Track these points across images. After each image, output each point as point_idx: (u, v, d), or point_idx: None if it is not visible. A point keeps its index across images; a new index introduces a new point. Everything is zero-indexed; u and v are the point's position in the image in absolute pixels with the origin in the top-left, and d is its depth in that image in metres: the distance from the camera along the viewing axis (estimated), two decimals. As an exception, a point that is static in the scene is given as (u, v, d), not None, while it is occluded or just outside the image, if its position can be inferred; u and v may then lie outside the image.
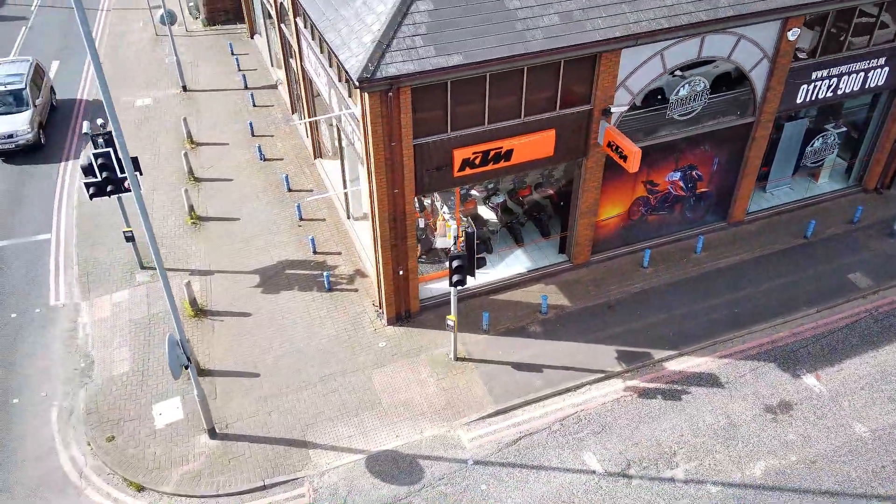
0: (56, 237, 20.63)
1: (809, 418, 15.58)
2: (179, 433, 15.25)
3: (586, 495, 14.14)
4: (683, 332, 17.44)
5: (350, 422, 15.46)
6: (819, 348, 17.15)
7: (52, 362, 16.94)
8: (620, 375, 16.55)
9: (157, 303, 18.34)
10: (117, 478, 14.55)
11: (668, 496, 14.10)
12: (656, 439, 15.16)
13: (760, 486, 14.30)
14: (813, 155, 20.60)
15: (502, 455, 14.91)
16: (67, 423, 15.60)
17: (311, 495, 14.19)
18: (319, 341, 17.24)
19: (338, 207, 21.19)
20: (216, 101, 26.83)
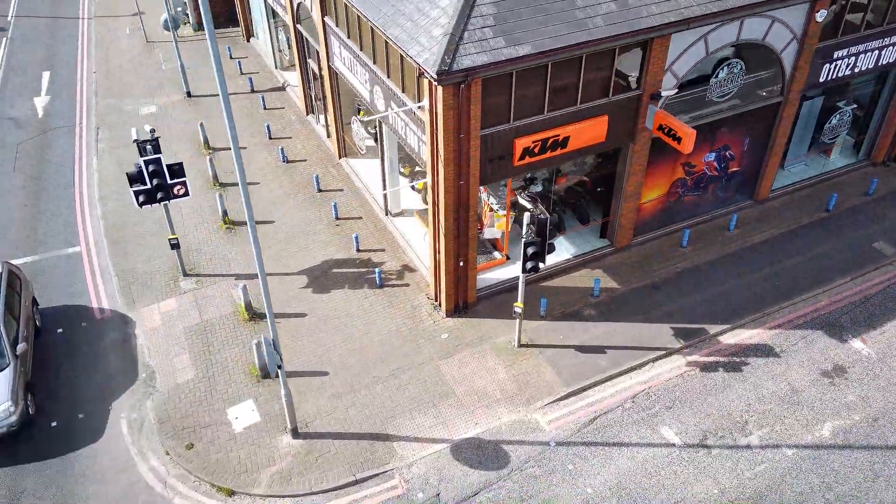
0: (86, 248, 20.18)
1: (864, 379, 16.35)
2: (260, 435, 15.17)
3: (670, 467, 14.59)
4: (731, 306, 18.06)
5: (428, 412, 15.60)
6: (859, 314, 17.98)
7: (110, 375, 16.62)
8: (680, 352, 17.06)
9: (207, 309, 18.14)
10: (204, 484, 14.40)
11: (749, 462, 14.65)
12: (726, 410, 15.71)
13: (831, 445, 14.97)
14: (830, 132, 21.51)
15: (582, 435, 15.26)
16: (140, 435, 15.36)
17: (402, 486, 14.30)
18: (381, 337, 17.32)
19: (373, 205, 21.24)
20: (219, 106, 26.44)
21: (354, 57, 18.73)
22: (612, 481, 14.35)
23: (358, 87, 19.33)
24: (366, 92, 18.81)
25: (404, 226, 20.28)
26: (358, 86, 19.27)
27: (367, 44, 17.67)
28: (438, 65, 13.50)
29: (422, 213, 20.42)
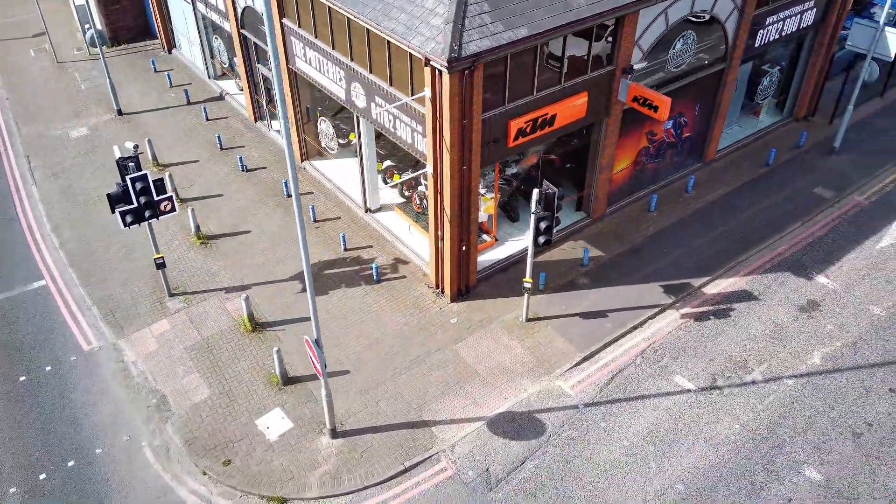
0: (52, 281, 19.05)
1: (835, 310, 18.09)
2: (297, 441, 15.01)
3: (692, 410, 15.66)
4: (704, 260, 19.44)
5: (457, 394, 15.94)
6: (816, 253, 19.82)
7: (117, 406, 15.90)
8: (672, 307, 18.23)
9: (205, 326, 17.62)
10: (252, 497, 14.13)
11: (758, 396, 15.94)
12: (726, 353, 16.98)
13: (823, 371, 16.52)
14: (762, 93, 23.43)
15: (605, 394, 16.07)
16: (169, 460, 14.82)
17: (451, 467, 14.59)
18: (391, 330, 17.46)
19: (349, 204, 21.21)
20: (161, 120, 25.54)
21: (325, 56, 18.68)
22: (643, 432, 15.24)
23: (329, 87, 19.28)
24: (339, 90, 18.81)
25: (387, 221, 20.42)
26: (329, 85, 19.22)
27: (342, 41, 17.69)
28: (448, 52, 13.84)
29: (402, 207, 20.63)
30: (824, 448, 14.90)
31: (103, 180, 22.54)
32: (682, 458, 14.71)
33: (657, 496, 14.04)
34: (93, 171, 23.03)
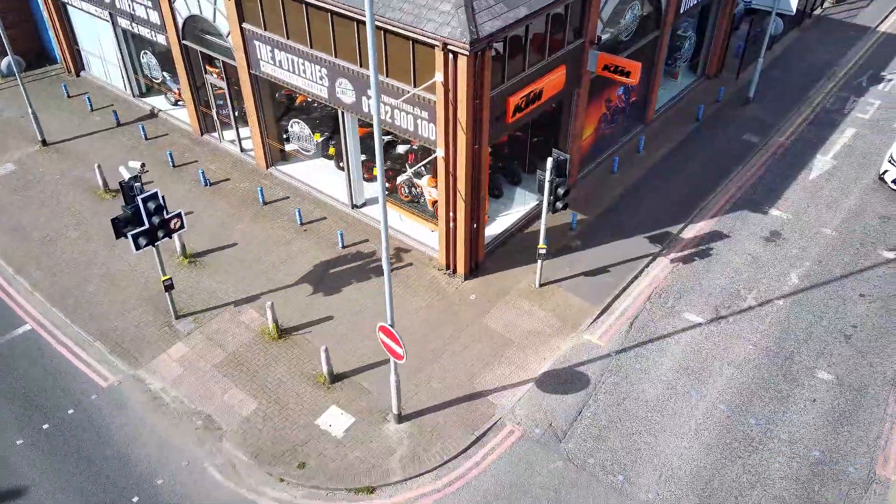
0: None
1: (794, 236, 20.44)
2: (364, 432, 15.17)
3: (708, 340, 17.30)
4: (673, 210, 21.26)
5: (500, 362, 16.66)
6: (762, 190, 22.20)
7: (161, 434, 15.29)
8: (660, 254, 19.85)
9: (227, 341, 17.21)
10: (339, 493, 14.19)
11: (758, 318, 17.84)
12: (719, 286, 18.80)
13: (803, 288, 18.72)
14: (683, 56, 25.68)
15: (630, 339, 17.38)
16: (238, 475, 14.52)
17: (518, 429, 15.33)
18: (417, 315, 17.85)
19: (332, 203, 21.21)
20: (95, 145, 24.13)
21: (301, 56, 18.64)
22: (675, 366, 16.68)
23: (305, 87, 19.23)
24: (321, 89, 18.84)
25: (376, 213, 20.65)
26: (306, 85, 19.16)
27: (324, 39, 17.77)
28: (469, 35, 14.46)
29: (388, 198, 20.87)
30: (825, 352, 16.99)
31: (53, 214, 21.11)
32: (715, 383, 16.27)
33: (706, 419, 15.49)
34: (37, 206, 21.48)
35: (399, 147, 21.01)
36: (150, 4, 22.31)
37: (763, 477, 14.38)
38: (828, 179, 22.74)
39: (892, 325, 17.64)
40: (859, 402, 15.84)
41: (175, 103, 25.66)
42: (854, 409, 15.72)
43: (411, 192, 20.33)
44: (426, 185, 19.82)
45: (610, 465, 14.60)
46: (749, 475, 14.43)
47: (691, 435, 15.17)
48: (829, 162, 23.51)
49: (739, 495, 14.06)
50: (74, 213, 21.26)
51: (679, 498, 14.03)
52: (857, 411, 15.66)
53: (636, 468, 14.56)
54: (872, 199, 21.77)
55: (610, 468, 14.55)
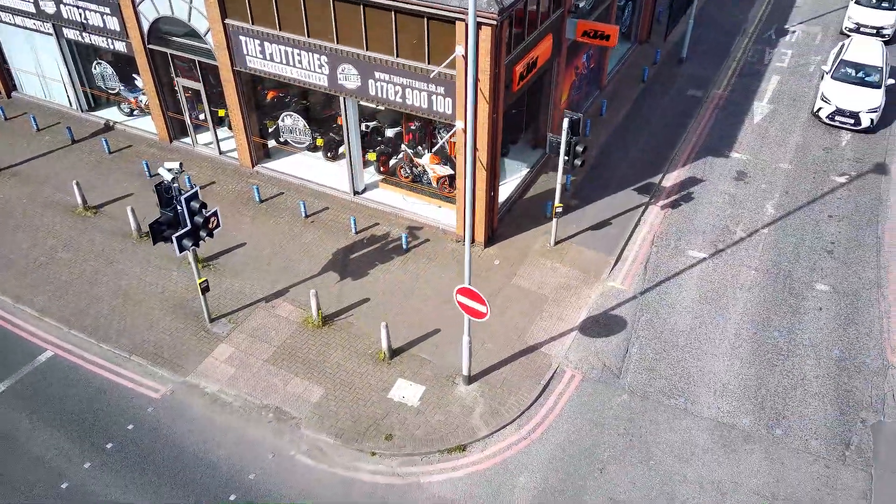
0: (67, 347, 17.01)
1: (757, 173, 22.62)
2: (438, 398, 15.68)
3: (716, 271, 19.00)
4: (649, 162, 22.92)
5: (542, 317, 17.59)
6: (717, 137, 24.33)
7: (234, 433, 15.14)
8: (650, 203, 21.41)
9: (271, 336, 17.14)
10: (432, 456, 14.66)
11: (752, 247, 19.73)
12: (709, 224, 20.57)
13: (780, 216, 20.82)
14: (623, 24, 27.45)
15: (648, 279, 18.79)
16: (328, 457, 14.67)
17: (578, 374, 16.35)
18: (448, 286, 18.39)
19: (331, 193, 21.30)
20: (52, 165, 22.86)
21: (296, 47, 18.68)
22: (695, 297, 18.23)
23: (302, 78, 19.27)
24: (320, 77, 18.96)
25: (378, 197, 20.99)
26: (302, 75, 19.21)
27: (324, 27, 17.94)
28: (496, 6, 15.21)
29: (386, 181, 21.29)
30: (816, 267, 19.09)
31: (33, 238, 19.97)
32: (734, 306, 17.95)
33: (736, 338, 17.12)
34: (12, 233, 20.22)
35: (387, 131, 21.41)
36: (107, 11, 21.44)
37: (800, 379, 16.14)
38: (770, 122, 25.18)
39: (861, 237, 20.03)
40: (856, 305, 17.99)
41: (131, 113, 24.72)
42: (853, 311, 17.83)
43: (412, 171, 20.81)
44: (429, 163, 20.37)
45: (669, 391, 15.89)
46: (788, 379, 16.14)
47: (730, 353, 16.73)
48: (767, 107, 26.01)
49: (786, 397, 15.73)
50: (57, 234, 20.21)
51: (737, 409, 15.52)
52: (856, 313, 17.78)
53: (692, 390, 15.93)
54: (812, 134, 24.37)
55: (669, 393, 15.84)
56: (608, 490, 14.01)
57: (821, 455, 14.61)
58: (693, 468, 14.37)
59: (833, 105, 24.22)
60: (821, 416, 15.36)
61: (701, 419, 15.30)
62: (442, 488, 14.09)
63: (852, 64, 25.33)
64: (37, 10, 22.89)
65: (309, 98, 22.06)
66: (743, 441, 14.87)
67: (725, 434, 15.00)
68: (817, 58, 29.19)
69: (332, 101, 21.28)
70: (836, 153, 23.52)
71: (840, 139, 24.18)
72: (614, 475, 14.28)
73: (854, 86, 24.64)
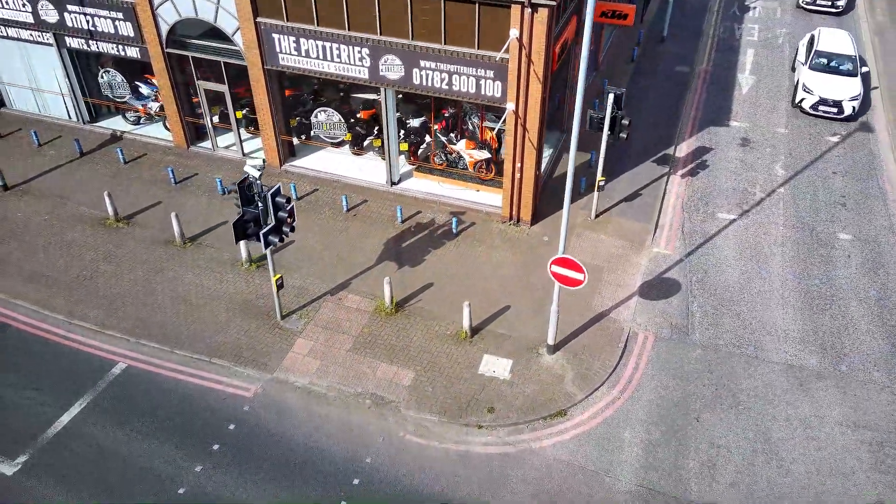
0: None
1: (761, 140, 24.13)
2: (527, 369, 16.25)
3: (748, 230, 20.23)
4: (659, 135, 24.09)
5: (602, 285, 18.39)
6: (715, 108, 25.77)
7: (339, 422, 15.30)
8: (671, 173, 22.55)
9: (346, 327, 17.29)
10: (535, 423, 15.23)
11: (773, 205, 21.12)
12: (730, 188, 21.86)
13: (791, 175, 22.34)
14: (611, 5, 28.57)
15: (689, 244, 19.86)
16: (437, 434, 15.06)
17: (650, 335, 17.23)
18: (505, 265, 19.00)
19: (365, 186, 21.49)
20: (66, 180, 22.11)
21: (334, 41, 18.82)
22: (736, 255, 19.41)
23: (339, 71, 19.41)
24: (361, 70, 19.15)
25: (415, 186, 21.33)
26: (340, 69, 19.35)
27: (365, 20, 18.16)
28: (556, -12, 15.88)
29: (420, 170, 21.65)
30: (835, 219, 20.64)
31: (69, 254, 19.38)
32: (774, 259, 19.24)
33: (783, 288, 18.39)
34: (43, 251, 19.54)
35: (413, 121, 21.76)
36: (119, 16, 20.93)
37: (849, 319, 17.52)
38: (757, 91, 26.82)
39: (867, 189, 21.74)
40: (878, 250, 19.59)
41: (137, 122, 24.14)
42: (878, 255, 19.42)
43: (447, 158, 21.24)
44: (464, 148, 20.85)
45: (737, 342, 16.97)
46: (838, 321, 17.50)
47: (781, 302, 17.98)
48: (751, 78, 27.66)
49: (841, 337, 17.07)
50: (94, 247, 19.68)
51: (802, 351, 16.74)
52: (881, 256, 19.37)
53: (757, 339, 17.06)
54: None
55: (738, 343, 16.93)
56: (708, 436, 14.93)
57: (885, 384, 15.97)
58: (778, 408, 15.47)
59: (816, 95, 24.47)
60: (875, 350, 16.75)
61: (773, 364, 16.44)
62: (555, 451, 14.68)
63: (827, 54, 25.68)
64: (36, 20, 22.08)
65: (325, 95, 22.17)
66: (815, 379, 16.09)
67: (798, 374, 16.18)
68: (782, 30, 31.17)
69: (350, 97, 21.58)
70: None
71: (823, 103, 26.00)
72: (709, 422, 15.21)
73: (833, 75, 24.99)
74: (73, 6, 21.24)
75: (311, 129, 22.28)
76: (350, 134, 22.07)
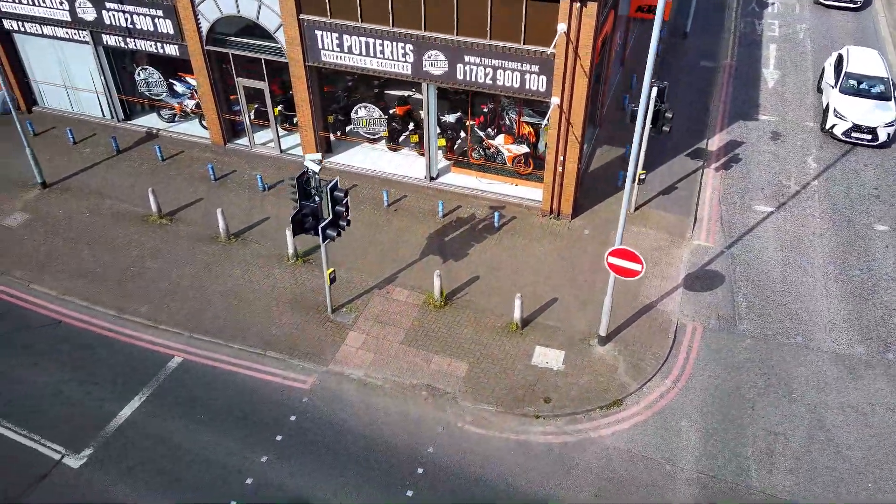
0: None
1: (791, 134, 24.34)
2: (579, 360, 16.45)
3: (787, 221, 20.46)
4: (691, 129, 24.29)
5: (646, 277, 18.53)
6: (740, 102, 25.98)
7: (397, 413, 15.47)
8: (705, 166, 22.75)
9: (396, 319, 17.46)
10: (594, 411, 15.42)
11: (808, 197, 21.36)
12: (763, 181, 22.08)
13: (822, 169, 22.56)
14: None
15: (729, 236, 20.07)
16: (495, 424, 15.23)
17: (699, 325, 17.42)
18: (548, 258, 19.18)
19: (403, 181, 21.63)
20: (105, 177, 22.21)
21: (377, 37, 18.96)
22: (776, 246, 19.62)
23: (381, 67, 19.55)
24: (403, 66, 19.30)
25: (453, 180, 21.49)
26: (382, 65, 19.49)
27: (409, 15, 18.31)
28: (606, -18, 16.06)
29: (457, 165, 21.81)
30: (870, 210, 20.89)
31: (114, 251, 19.49)
32: (813, 251, 19.47)
33: (826, 279, 18.61)
34: (88, 247, 19.65)
35: (449, 116, 21.91)
36: (159, 14, 21.03)
37: (892, 309, 17.77)
38: (783, 86, 27.06)
39: (897, 181, 22.09)
40: (916, 240, 19.89)
41: (172, 119, 24.24)
42: (915, 245, 19.72)
43: (485, 153, 21.41)
44: (503, 143, 21.03)
45: (785, 332, 17.20)
46: (881, 310, 17.75)
47: (824, 293, 18.21)
48: (775, 73, 27.90)
49: (886, 325, 17.31)
50: (139, 244, 19.80)
51: (849, 340, 16.98)
52: (918, 246, 19.67)
53: (805, 328, 17.29)
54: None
55: (786, 333, 17.15)
56: (763, 424, 15.14)
57: (933, 372, 16.24)
58: (830, 396, 15.70)
59: (849, 121, 23.05)
60: (921, 338, 17.02)
61: (822, 353, 16.66)
62: (615, 440, 14.88)
63: (857, 76, 24.12)
64: (73, 18, 22.16)
65: (359, 91, 22.33)
66: (865, 367, 16.32)
67: (847, 363, 16.42)
68: (802, 26, 31.45)
69: (384, 94, 21.77)
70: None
71: (850, 97, 26.25)
72: (764, 410, 15.43)
73: (866, 99, 23.49)
74: (111, 3, 21.34)
75: (347, 126, 22.43)
76: (387, 131, 22.22)
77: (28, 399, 15.70)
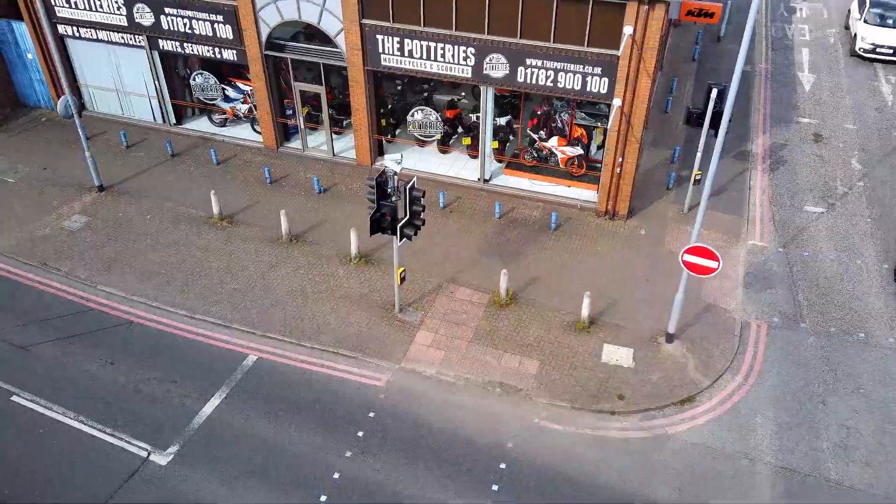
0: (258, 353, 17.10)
1: (832, 136, 24.69)
2: (649, 357, 16.71)
3: (838, 221, 20.78)
4: (734, 131, 24.60)
5: (709, 278, 18.80)
6: (780, 105, 26.36)
7: (473, 409, 15.74)
8: (751, 168, 23.08)
9: (461, 318, 17.72)
10: (669, 408, 15.68)
11: (856, 197, 21.69)
12: (811, 182, 22.42)
13: (867, 170, 22.90)
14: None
15: (783, 236, 20.38)
16: (571, 420, 15.49)
17: (761, 323, 17.72)
18: (606, 258, 19.47)
19: (456, 183, 21.93)
20: (161, 180, 22.55)
21: (439, 41, 19.29)
22: (830, 246, 19.94)
23: (441, 71, 19.88)
24: (464, 69, 19.63)
25: (506, 182, 21.81)
26: (443, 69, 19.82)
27: (472, 19, 18.65)
28: (675, -14, 16.40)
29: (509, 167, 22.14)
30: (919, 211, 21.28)
31: (179, 253, 19.77)
32: (867, 251, 19.78)
33: (880, 276, 18.91)
34: (151, 250, 19.93)
35: (499, 119, 22.25)
36: (219, 19, 21.36)
37: (950, 305, 18.10)
38: (819, 89, 27.45)
39: (944, 182, 22.43)
40: (966, 239, 20.21)
41: (223, 123, 24.55)
42: (966, 244, 20.04)
43: (538, 155, 21.73)
44: (556, 145, 21.35)
45: (847, 328, 17.49)
46: (940, 307, 18.08)
47: (881, 291, 18.52)
48: (811, 76, 28.29)
49: (946, 322, 17.65)
50: (203, 247, 20.08)
51: (910, 336, 17.31)
52: (969, 246, 19.99)
53: (866, 324, 17.58)
54: (860, 99, 26.76)
55: (848, 330, 17.45)
56: (836, 418, 15.41)
57: None
58: (897, 391, 16.01)
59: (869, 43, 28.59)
60: (981, 335, 17.32)
61: (885, 349, 16.96)
62: (691, 436, 15.13)
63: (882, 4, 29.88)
64: (130, 23, 22.49)
65: (409, 95, 22.68)
66: (929, 363, 16.63)
67: (912, 358, 16.73)
68: (832, 30, 31.82)
69: (433, 97, 22.11)
70: (887, 112, 25.93)
71: (886, 100, 26.63)
72: (835, 406, 15.70)
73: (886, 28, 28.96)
74: (170, 9, 21.66)
75: (396, 129, 22.76)
76: (440, 134, 22.56)
77: (108, 398, 15.95)
